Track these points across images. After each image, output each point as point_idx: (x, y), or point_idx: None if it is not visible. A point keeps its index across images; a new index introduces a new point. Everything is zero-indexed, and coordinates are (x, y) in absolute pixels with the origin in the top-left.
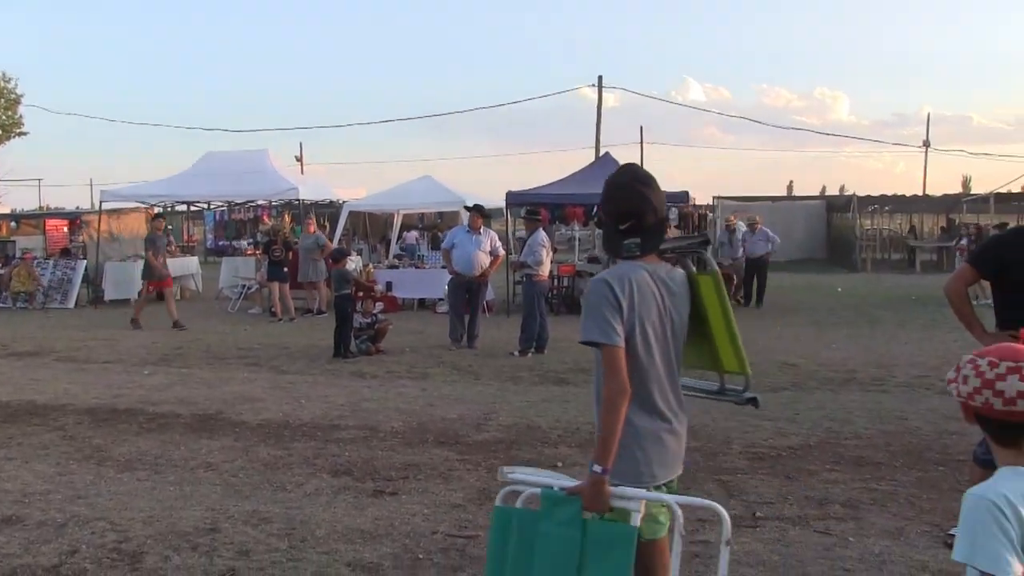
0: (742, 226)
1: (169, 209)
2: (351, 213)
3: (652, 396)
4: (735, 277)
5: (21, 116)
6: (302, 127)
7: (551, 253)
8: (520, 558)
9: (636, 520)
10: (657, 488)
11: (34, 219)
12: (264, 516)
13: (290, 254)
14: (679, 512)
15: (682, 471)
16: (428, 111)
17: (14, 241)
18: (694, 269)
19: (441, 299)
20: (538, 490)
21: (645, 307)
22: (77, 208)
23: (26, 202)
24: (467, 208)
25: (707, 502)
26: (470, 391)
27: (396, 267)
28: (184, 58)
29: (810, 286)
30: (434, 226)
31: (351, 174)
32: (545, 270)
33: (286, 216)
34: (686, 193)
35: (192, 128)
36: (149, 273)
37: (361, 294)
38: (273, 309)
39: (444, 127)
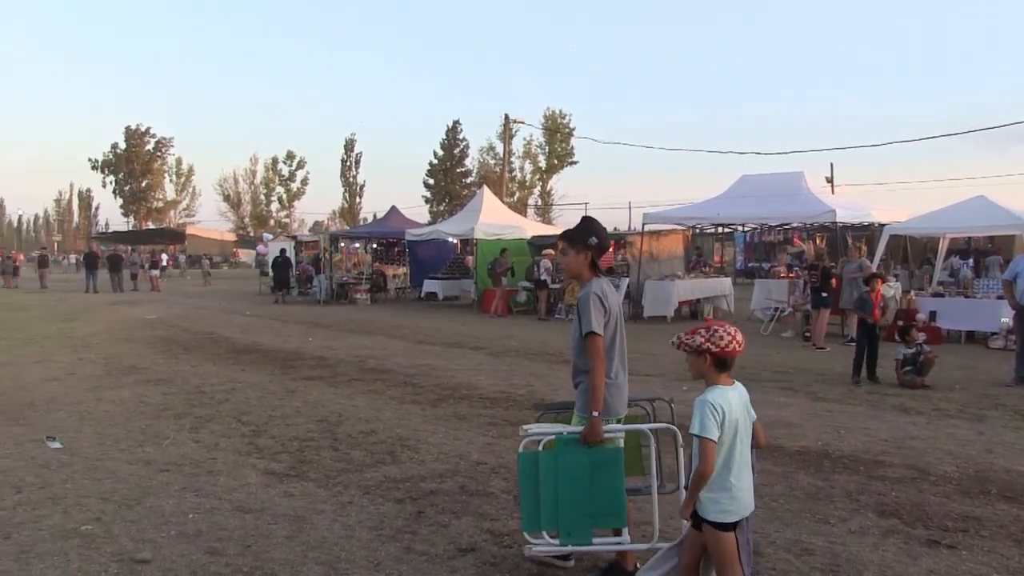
0: None
1: (700, 231)
2: (890, 236)
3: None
4: None
5: (572, 147)
6: (835, 148)
7: None
8: (548, 484)
9: (620, 443)
10: (617, 419)
11: None
12: (807, 547)
13: (833, 280)
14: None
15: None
16: (974, 126)
17: None
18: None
19: (995, 333)
20: (553, 436)
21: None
22: (615, 229)
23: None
24: None
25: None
26: None
27: (941, 295)
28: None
29: None
30: (983, 251)
31: (884, 194)
32: None
33: (817, 239)
34: None
35: (725, 152)
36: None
37: (902, 323)
38: (807, 333)
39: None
